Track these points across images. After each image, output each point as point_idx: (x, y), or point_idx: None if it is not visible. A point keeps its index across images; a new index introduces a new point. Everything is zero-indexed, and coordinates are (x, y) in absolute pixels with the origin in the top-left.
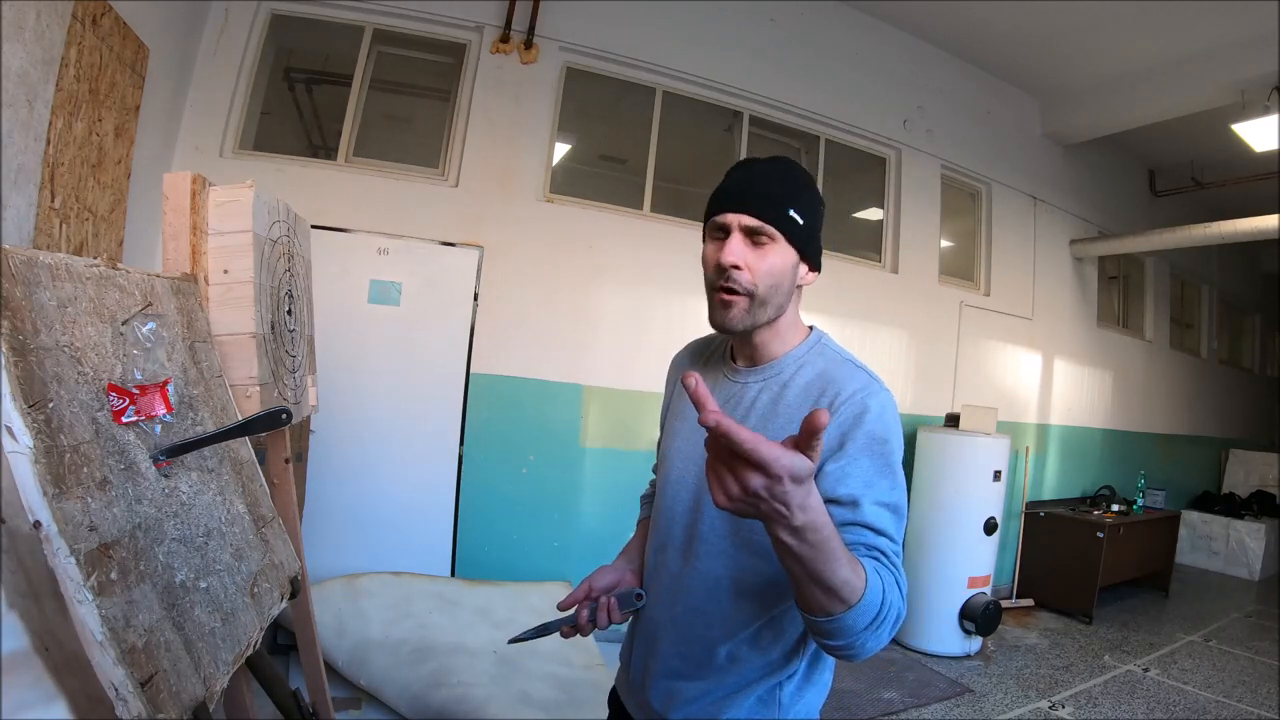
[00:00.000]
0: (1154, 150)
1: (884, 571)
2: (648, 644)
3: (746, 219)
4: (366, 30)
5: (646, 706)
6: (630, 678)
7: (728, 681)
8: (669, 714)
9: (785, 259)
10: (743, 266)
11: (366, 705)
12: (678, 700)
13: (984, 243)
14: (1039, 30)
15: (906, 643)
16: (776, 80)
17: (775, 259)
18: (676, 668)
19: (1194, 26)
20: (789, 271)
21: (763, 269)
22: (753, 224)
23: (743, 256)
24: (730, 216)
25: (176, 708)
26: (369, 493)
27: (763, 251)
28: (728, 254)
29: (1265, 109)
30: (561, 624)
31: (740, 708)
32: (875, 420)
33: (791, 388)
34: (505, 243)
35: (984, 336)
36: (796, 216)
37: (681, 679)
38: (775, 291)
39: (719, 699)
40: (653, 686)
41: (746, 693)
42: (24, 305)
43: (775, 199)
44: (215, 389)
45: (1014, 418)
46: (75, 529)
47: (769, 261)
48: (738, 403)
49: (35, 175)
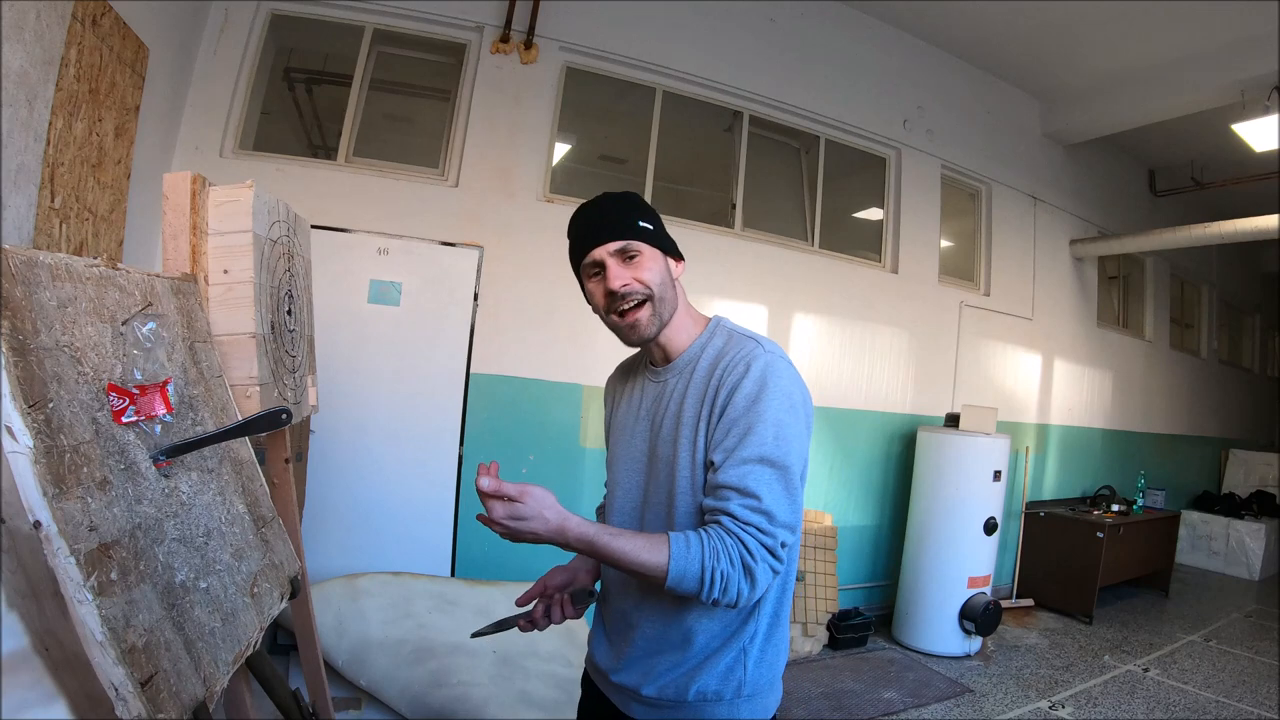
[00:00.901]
0: (1154, 150)
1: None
2: (621, 630)
3: (612, 245)
4: (366, 30)
5: (619, 687)
6: (600, 662)
7: (694, 652)
8: (643, 689)
9: (657, 260)
10: (630, 282)
11: (366, 705)
12: (652, 675)
13: (984, 243)
14: (1039, 30)
15: (906, 643)
16: (776, 80)
17: (651, 263)
18: (649, 647)
19: (1194, 26)
20: (665, 269)
21: (646, 276)
22: (619, 245)
23: (626, 275)
24: (598, 250)
25: (176, 708)
26: (369, 493)
27: (638, 263)
28: (613, 279)
29: (1265, 109)
30: (518, 619)
31: (711, 674)
32: (752, 381)
33: (699, 371)
34: (505, 243)
35: (984, 336)
36: (646, 225)
37: (654, 655)
38: (665, 288)
39: (690, 670)
40: (627, 666)
41: (715, 660)
42: (24, 305)
43: (623, 219)
44: (215, 389)
45: (1014, 418)
46: (75, 529)
47: (647, 268)
48: (662, 398)
49: (35, 175)
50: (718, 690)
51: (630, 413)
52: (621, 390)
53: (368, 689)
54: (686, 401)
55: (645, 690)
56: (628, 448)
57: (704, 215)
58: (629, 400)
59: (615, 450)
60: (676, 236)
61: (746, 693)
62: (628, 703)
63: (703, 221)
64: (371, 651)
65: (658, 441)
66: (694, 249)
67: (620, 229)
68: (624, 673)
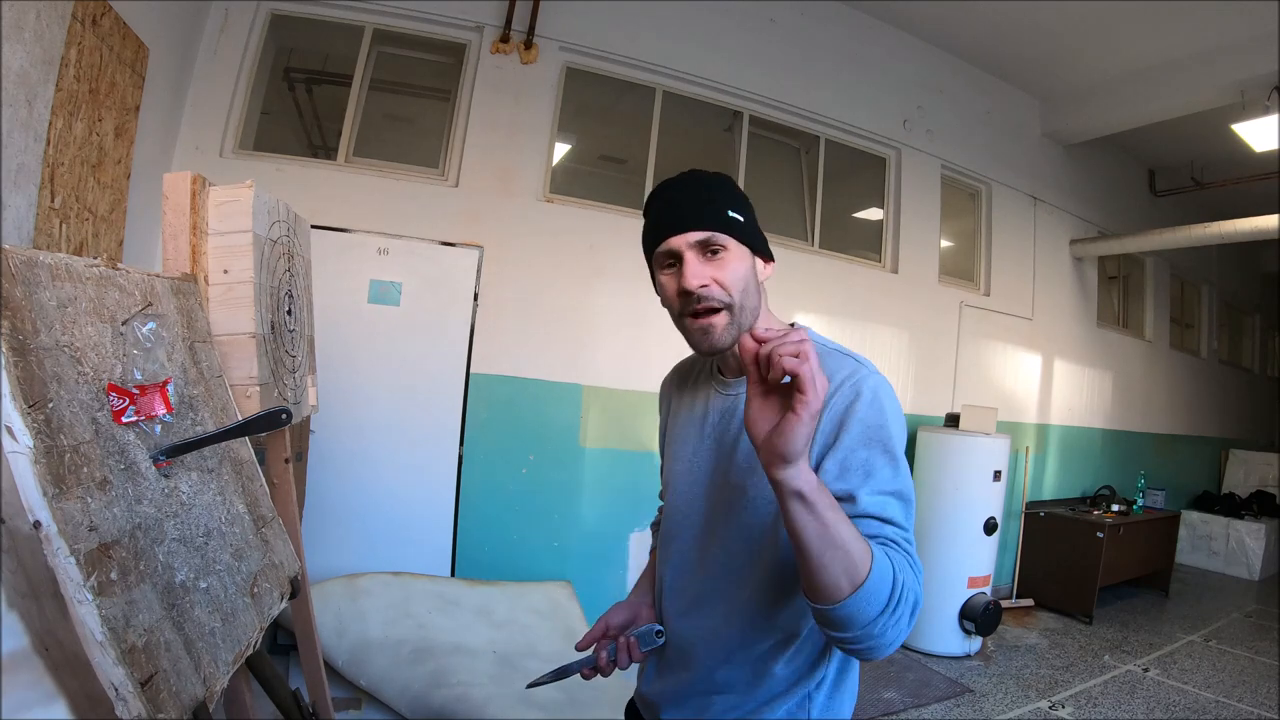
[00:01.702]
0: (1154, 150)
1: (893, 554)
2: (678, 665)
3: (694, 235)
4: (366, 30)
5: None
6: (650, 695)
7: (758, 694)
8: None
9: (743, 260)
10: (710, 283)
11: (366, 705)
12: (708, 713)
13: (984, 243)
14: (1039, 30)
15: (906, 643)
16: (776, 80)
17: (736, 264)
18: (707, 685)
19: (1194, 26)
20: (751, 272)
21: (729, 278)
22: (702, 237)
23: (705, 274)
24: (676, 240)
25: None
26: (369, 493)
27: (721, 261)
28: (690, 277)
29: (1265, 109)
30: (581, 665)
31: (775, 716)
32: (868, 407)
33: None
34: (505, 243)
35: (984, 336)
36: (737, 215)
37: (713, 694)
38: (748, 295)
39: (750, 711)
40: (681, 703)
41: (777, 704)
42: (24, 305)
43: (711, 206)
44: (215, 389)
45: (1014, 418)
46: (75, 529)
47: (731, 268)
48: (733, 415)
49: (35, 175)
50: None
51: (692, 426)
52: (680, 397)
53: (368, 689)
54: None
55: None
56: (689, 467)
57: None
58: (690, 411)
59: (673, 467)
60: None
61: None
62: None
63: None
64: (371, 651)
65: (730, 467)
66: None
67: (706, 217)
68: (676, 709)
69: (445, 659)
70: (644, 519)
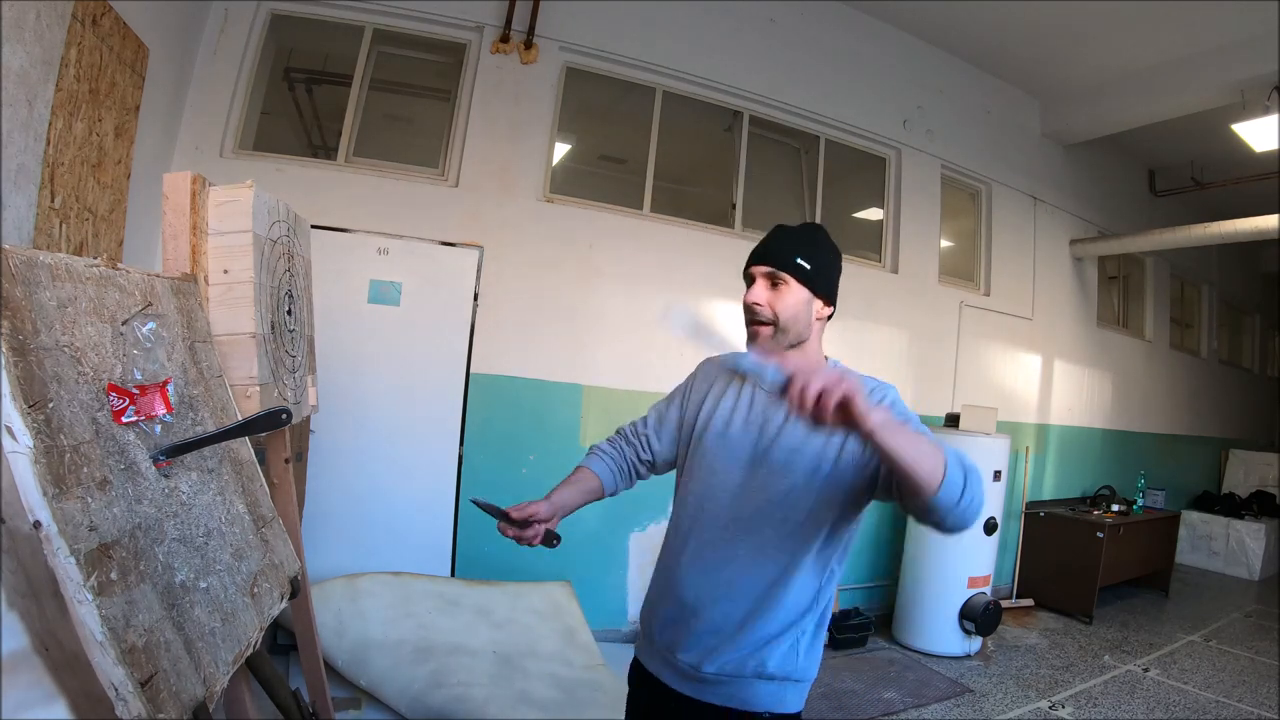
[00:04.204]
0: (1154, 150)
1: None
2: (688, 610)
3: (764, 268)
4: (366, 30)
5: (676, 665)
6: (657, 643)
7: (755, 637)
8: (704, 667)
9: (798, 295)
10: (763, 304)
11: (366, 705)
12: (714, 655)
13: (984, 243)
14: (1039, 30)
15: (906, 643)
16: (776, 80)
17: (789, 296)
18: (715, 627)
19: (1194, 26)
20: (803, 305)
21: (780, 304)
22: (768, 270)
23: (763, 297)
24: (755, 268)
25: (176, 708)
26: (369, 493)
27: (779, 292)
28: (749, 296)
29: (1265, 109)
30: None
31: (772, 655)
32: (895, 402)
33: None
34: (505, 243)
35: (984, 336)
36: (803, 263)
37: (718, 635)
38: (794, 321)
39: (752, 650)
40: (690, 646)
41: (773, 645)
42: (24, 305)
43: (786, 251)
44: (215, 389)
45: (1014, 418)
46: (75, 529)
47: (784, 298)
48: (775, 411)
49: (35, 175)
50: (773, 671)
51: (737, 412)
52: (724, 384)
53: (368, 689)
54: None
55: (706, 668)
56: (725, 443)
57: (704, 215)
58: (736, 399)
59: (708, 441)
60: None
61: (795, 677)
62: (683, 681)
63: (703, 221)
64: (371, 651)
65: (773, 448)
66: (694, 249)
67: (778, 259)
68: (685, 652)
69: (445, 659)
70: (644, 519)
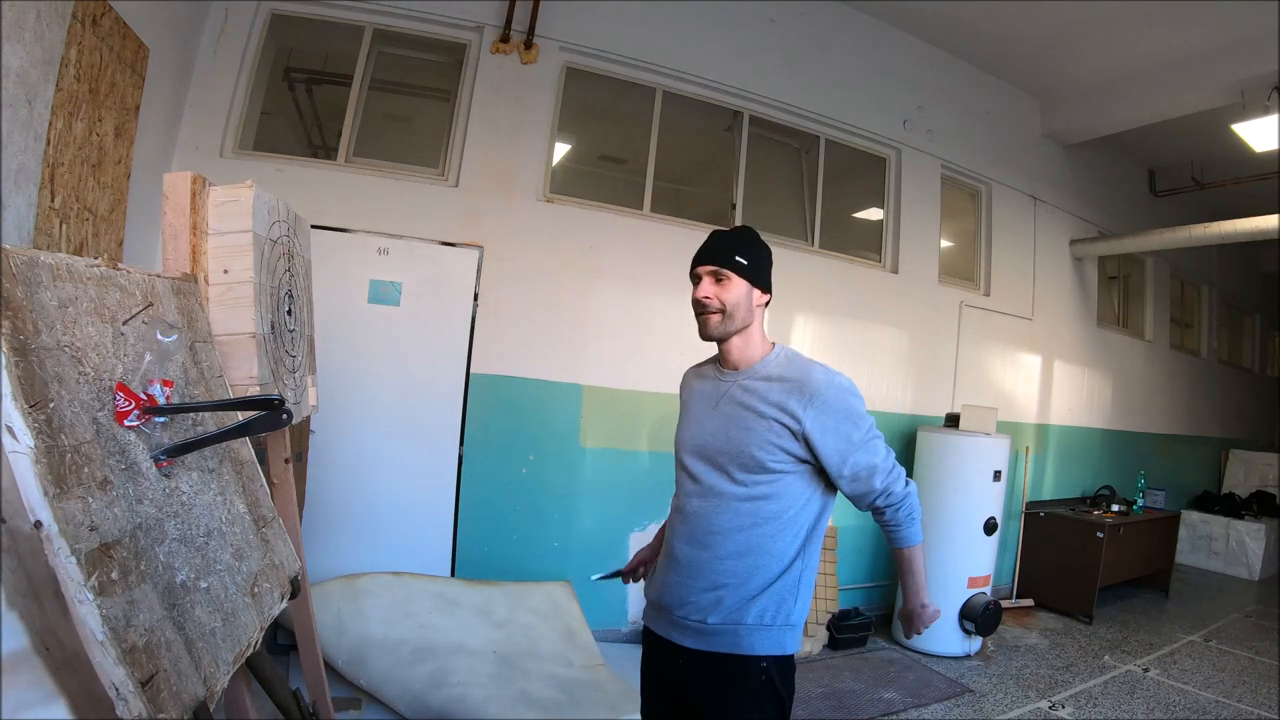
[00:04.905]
0: (1154, 150)
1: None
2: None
3: (708, 267)
4: (366, 30)
5: (683, 623)
6: (663, 606)
7: (750, 586)
8: (708, 619)
9: (739, 286)
10: (711, 296)
11: (366, 705)
12: (716, 609)
13: (984, 243)
14: (1039, 30)
15: (906, 643)
16: (776, 80)
17: (733, 288)
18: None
19: (1194, 26)
20: (745, 295)
21: (725, 295)
22: (712, 268)
23: (710, 290)
24: (700, 268)
25: (177, 707)
26: (369, 493)
27: (723, 286)
28: (698, 292)
29: (1265, 109)
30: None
31: (763, 605)
32: (829, 389)
33: (758, 379)
34: (505, 243)
35: (984, 336)
36: (741, 259)
37: (716, 590)
38: (738, 308)
39: (745, 601)
40: (695, 601)
41: (765, 595)
42: (25, 305)
43: (725, 250)
44: (215, 389)
45: (1014, 418)
46: (76, 529)
47: (729, 291)
48: (722, 394)
49: (35, 175)
50: (773, 616)
51: (704, 404)
52: (693, 386)
53: (368, 689)
54: (745, 399)
55: (710, 619)
56: (701, 429)
57: (704, 215)
58: (702, 394)
59: (688, 430)
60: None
61: (791, 621)
62: (689, 636)
63: (703, 221)
64: (371, 651)
65: (728, 427)
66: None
67: (719, 257)
68: (688, 607)
69: (445, 659)
70: (644, 519)
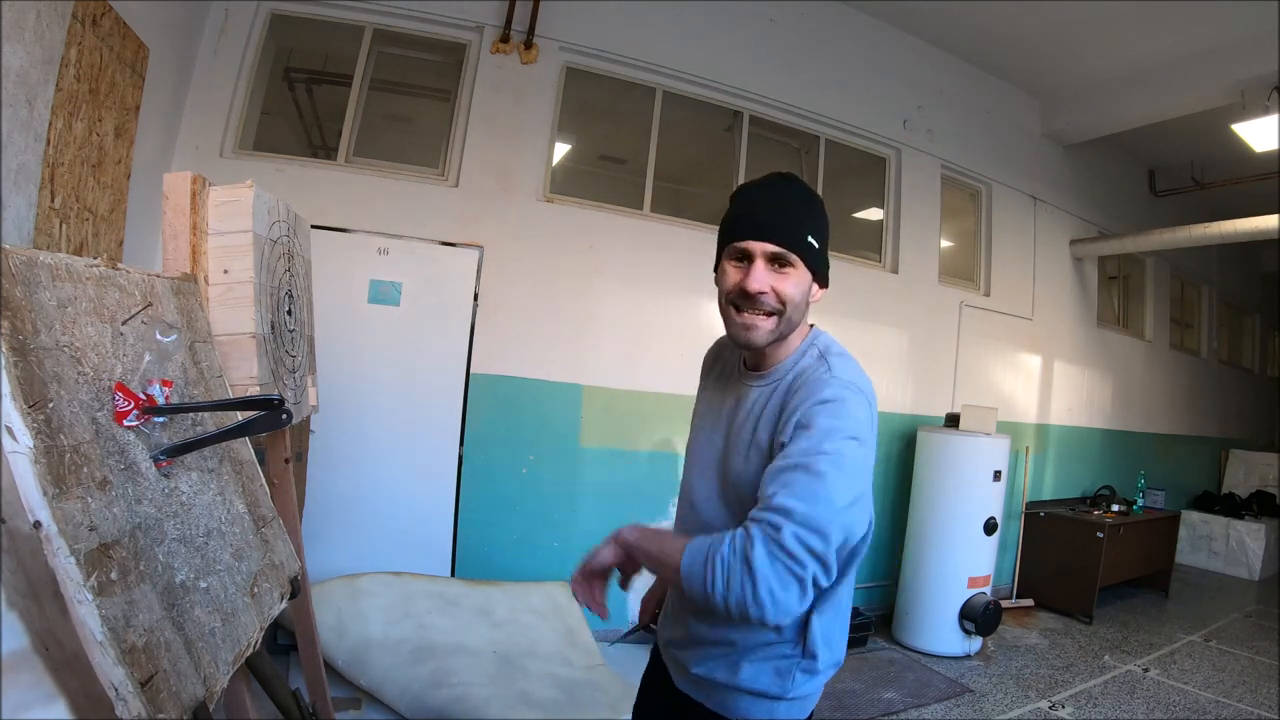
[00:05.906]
0: (1154, 150)
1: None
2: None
3: (770, 247)
4: (366, 30)
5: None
6: (661, 635)
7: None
8: (692, 667)
9: (804, 281)
10: (769, 291)
11: (366, 705)
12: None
13: (984, 243)
14: (1039, 30)
15: (906, 643)
16: (776, 80)
17: (798, 281)
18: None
19: (1194, 26)
20: (807, 292)
21: (787, 292)
22: (777, 251)
23: (768, 282)
24: (754, 244)
25: (176, 708)
26: (369, 493)
27: (784, 276)
28: (754, 281)
29: (1265, 109)
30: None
31: (756, 672)
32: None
33: (778, 391)
34: (505, 243)
35: (984, 336)
36: (813, 241)
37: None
38: (798, 310)
39: (735, 660)
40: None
41: (760, 658)
42: (24, 305)
43: (795, 226)
44: (215, 389)
45: (1014, 418)
46: (75, 529)
47: (791, 285)
48: (743, 406)
49: (35, 175)
50: (768, 683)
51: (715, 409)
52: (710, 376)
53: (368, 689)
54: (762, 419)
55: (693, 669)
56: (705, 449)
57: (704, 215)
58: (718, 392)
59: (696, 438)
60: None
61: (793, 693)
62: (680, 677)
63: (703, 221)
64: (371, 651)
65: (731, 453)
66: (693, 249)
67: (786, 235)
68: (679, 649)
69: (445, 659)
70: (643, 519)
